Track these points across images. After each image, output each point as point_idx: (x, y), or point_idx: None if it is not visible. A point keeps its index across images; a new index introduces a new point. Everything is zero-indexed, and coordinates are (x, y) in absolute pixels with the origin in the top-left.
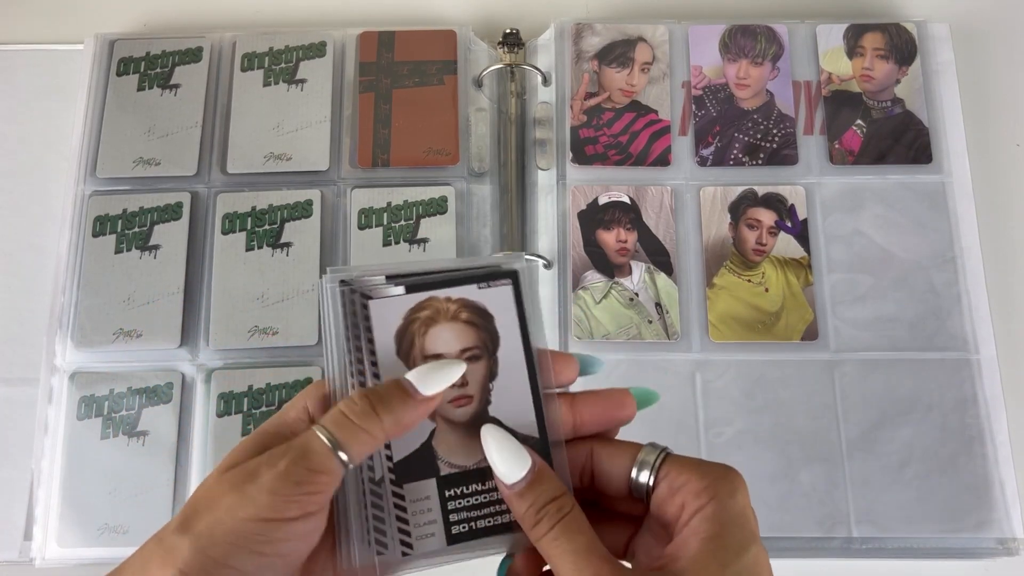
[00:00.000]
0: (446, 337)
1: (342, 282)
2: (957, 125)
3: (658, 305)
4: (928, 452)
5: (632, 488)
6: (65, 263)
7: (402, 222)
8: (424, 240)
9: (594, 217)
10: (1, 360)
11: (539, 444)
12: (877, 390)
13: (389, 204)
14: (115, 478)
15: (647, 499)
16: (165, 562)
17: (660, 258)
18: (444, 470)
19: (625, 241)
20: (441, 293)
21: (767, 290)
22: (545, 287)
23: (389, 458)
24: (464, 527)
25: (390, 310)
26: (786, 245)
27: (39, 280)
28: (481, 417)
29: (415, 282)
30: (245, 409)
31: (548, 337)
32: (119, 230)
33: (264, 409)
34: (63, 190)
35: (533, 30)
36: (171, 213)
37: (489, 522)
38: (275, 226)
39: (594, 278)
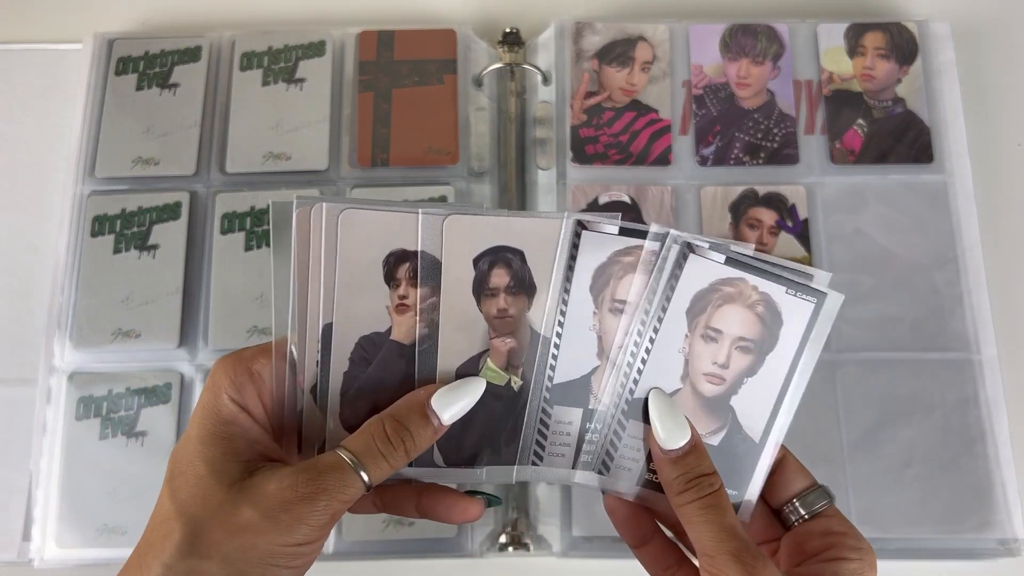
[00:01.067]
0: (734, 319)
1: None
2: (958, 124)
3: None
4: (929, 453)
5: (786, 510)
6: (63, 263)
7: None
8: None
9: None
10: None
11: (756, 448)
12: (878, 390)
13: None
14: (114, 478)
15: (789, 527)
16: None
17: None
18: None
19: None
20: (752, 279)
21: None
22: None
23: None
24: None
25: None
26: (787, 245)
27: (37, 280)
28: (721, 399)
29: (737, 258)
30: None
31: None
32: (118, 230)
33: None
34: (61, 190)
35: (533, 29)
36: (170, 213)
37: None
38: None
39: None
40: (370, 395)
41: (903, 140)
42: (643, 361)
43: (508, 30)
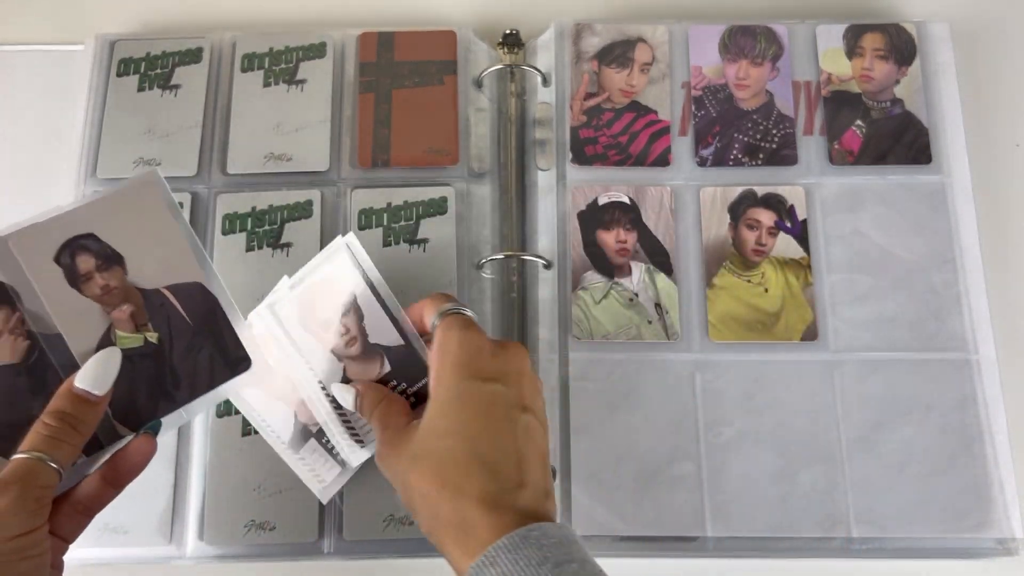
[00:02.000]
0: (329, 308)
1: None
2: (957, 125)
3: (658, 305)
4: (928, 452)
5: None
6: None
7: (402, 222)
8: (424, 240)
9: (594, 217)
10: None
11: (407, 346)
12: (877, 390)
13: (389, 204)
14: None
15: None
16: None
17: (660, 258)
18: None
19: (625, 241)
20: (316, 279)
21: (767, 290)
22: (545, 288)
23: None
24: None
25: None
26: (786, 245)
27: None
28: (367, 347)
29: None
30: None
31: (548, 337)
32: None
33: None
34: (63, 190)
35: (533, 30)
36: None
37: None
38: (275, 226)
39: (594, 278)
40: (15, 417)
41: (902, 141)
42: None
43: (508, 31)
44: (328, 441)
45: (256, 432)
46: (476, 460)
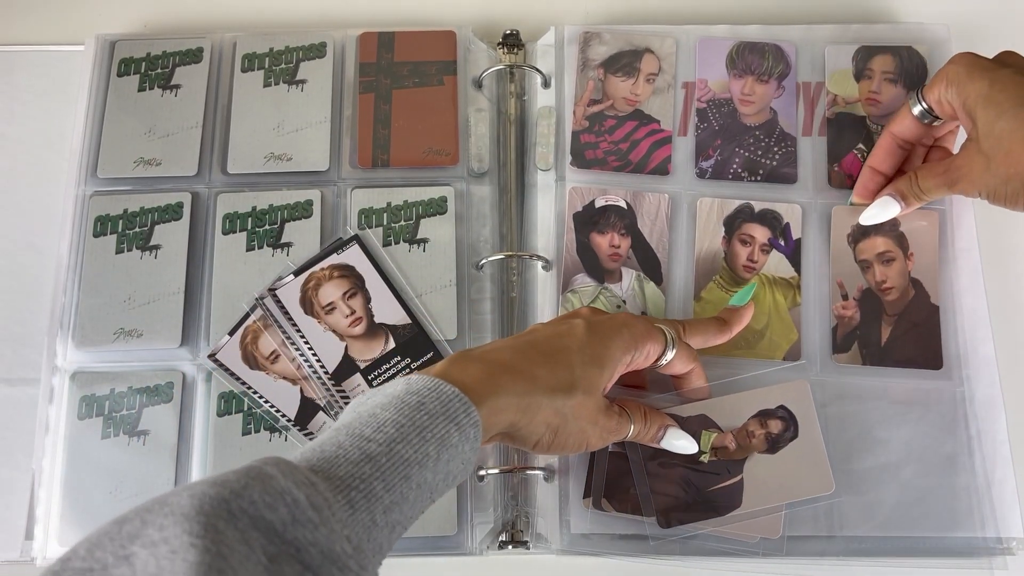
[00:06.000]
0: (331, 291)
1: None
2: (956, 143)
3: (644, 314)
4: (927, 452)
5: (923, 118)
6: (66, 263)
7: (402, 222)
8: (424, 240)
9: (589, 219)
10: (2, 360)
11: (413, 327)
12: (876, 390)
13: (389, 204)
14: (116, 477)
15: (939, 118)
16: (555, 419)
17: (651, 266)
18: (361, 367)
19: (618, 246)
20: (317, 267)
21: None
22: (544, 288)
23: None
24: None
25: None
26: (777, 263)
27: (40, 280)
28: (371, 326)
29: (302, 266)
30: (245, 408)
31: None
32: (120, 230)
33: (265, 408)
34: (64, 190)
35: (533, 31)
36: (172, 213)
37: None
38: (275, 226)
39: (584, 281)
40: None
41: (903, 168)
42: None
43: (508, 32)
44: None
45: (256, 431)
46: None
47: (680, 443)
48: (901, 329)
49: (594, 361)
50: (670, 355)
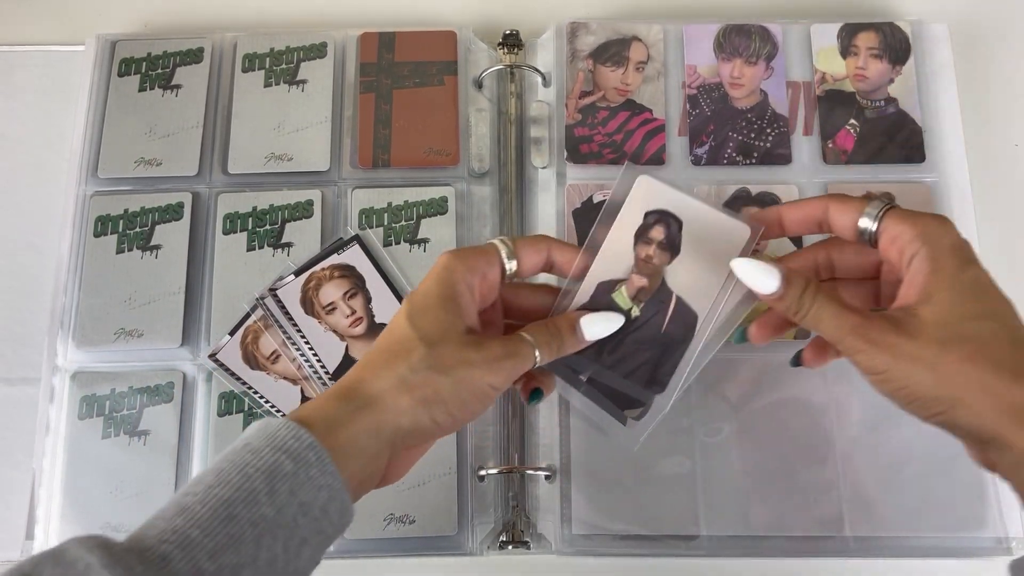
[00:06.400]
0: (332, 291)
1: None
2: (955, 125)
3: None
4: (926, 452)
5: (860, 235)
6: (66, 263)
7: (403, 222)
8: (425, 240)
9: (588, 216)
10: (2, 360)
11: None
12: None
13: (390, 204)
14: (116, 477)
15: (874, 246)
16: (427, 391)
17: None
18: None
19: None
20: (317, 267)
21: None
22: None
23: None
24: None
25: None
26: (778, 245)
27: (40, 280)
28: (372, 326)
29: (303, 266)
30: (246, 408)
31: None
32: (120, 230)
33: (265, 408)
34: (64, 190)
35: (533, 30)
36: (172, 213)
37: None
38: (276, 226)
39: None
40: None
41: (895, 140)
42: None
43: (508, 32)
44: None
45: None
46: (1016, 343)
47: (602, 325)
48: None
49: (421, 308)
50: (511, 262)
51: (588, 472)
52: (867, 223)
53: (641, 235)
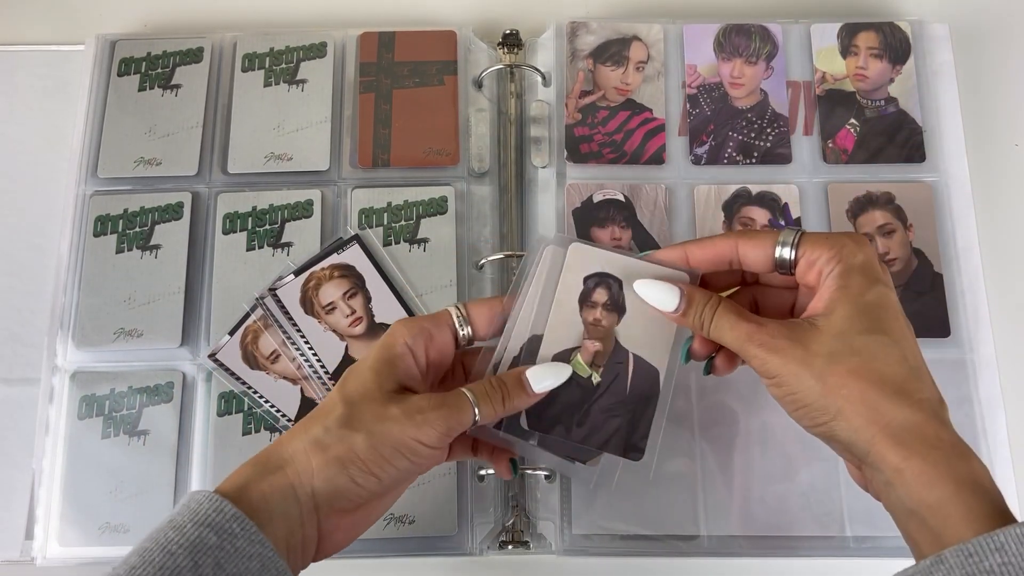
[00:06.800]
0: (331, 291)
1: None
2: (955, 125)
3: None
4: None
5: (778, 266)
6: (66, 263)
7: (402, 222)
8: (424, 240)
9: (589, 215)
10: (2, 360)
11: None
12: None
13: (389, 204)
14: (116, 477)
15: (792, 272)
16: (340, 449)
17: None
18: None
19: (619, 239)
20: (317, 267)
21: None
22: None
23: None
24: None
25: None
26: None
27: (40, 280)
28: (372, 326)
29: (303, 266)
30: (246, 408)
31: None
32: (120, 230)
33: (265, 408)
34: (64, 190)
35: (533, 30)
36: (172, 213)
37: None
38: (276, 226)
39: None
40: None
41: (895, 139)
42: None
43: (508, 31)
44: None
45: (256, 432)
46: (906, 363)
47: (551, 376)
48: (907, 299)
49: (354, 373)
50: (465, 327)
51: (588, 471)
52: (784, 252)
53: (585, 300)
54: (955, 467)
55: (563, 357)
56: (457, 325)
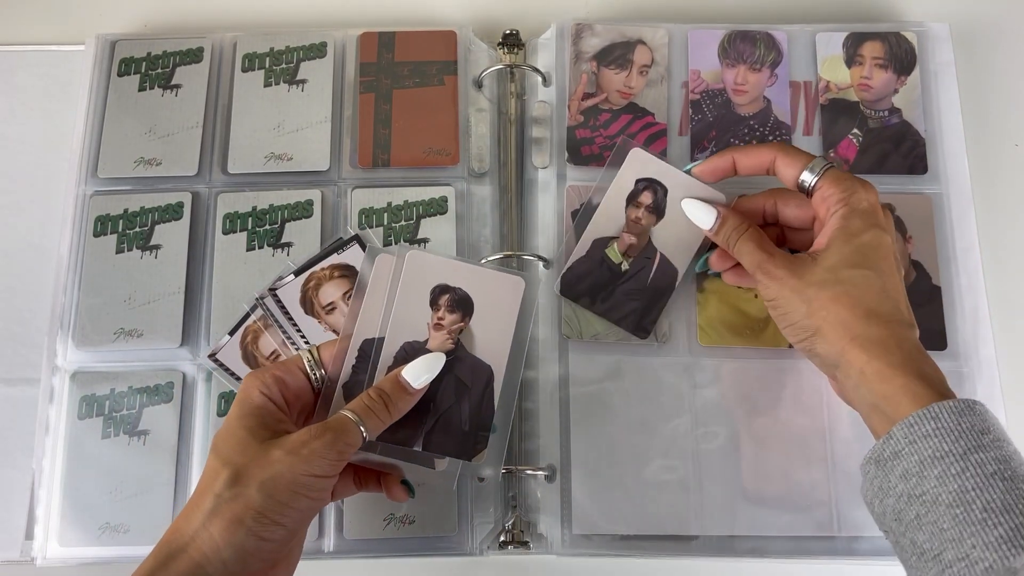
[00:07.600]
0: (331, 291)
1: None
2: (956, 127)
3: None
4: None
5: (800, 186)
6: (66, 263)
7: (402, 222)
8: (424, 240)
9: (585, 218)
10: (2, 360)
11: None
12: None
13: (389, 204)
14: (116, 477)
15: (809, 196)
16: (236, 508)
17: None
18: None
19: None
20: (317, 267)
21: (756, 296)
22: (546, 286)
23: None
24: None
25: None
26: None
27: (40, 280)
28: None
29: (303, 266)
30: None
31: (547, 336)
32: (120, 230)
33: None
34: (64, 190)
35: (533, 30)
36: (172, 213)
37: None
38: (276, 226)
39: None
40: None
41: (898, 150)
42: None
43: (508, 31)
44: None
45: None
46: (885, 294)
47: (425, 368)
48: None
49: (223, 437)
50: (318, 370)
51: (588, 472)
52: (808, 177)
53: (632, 199)
54: (908, 366)
55: (603, 243)
56: (308, 369)
